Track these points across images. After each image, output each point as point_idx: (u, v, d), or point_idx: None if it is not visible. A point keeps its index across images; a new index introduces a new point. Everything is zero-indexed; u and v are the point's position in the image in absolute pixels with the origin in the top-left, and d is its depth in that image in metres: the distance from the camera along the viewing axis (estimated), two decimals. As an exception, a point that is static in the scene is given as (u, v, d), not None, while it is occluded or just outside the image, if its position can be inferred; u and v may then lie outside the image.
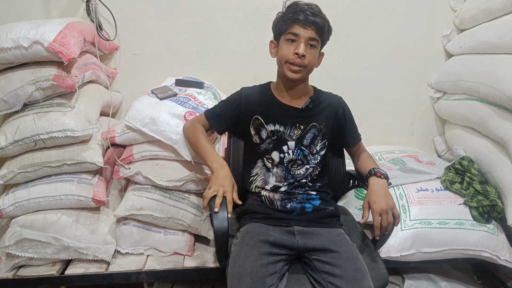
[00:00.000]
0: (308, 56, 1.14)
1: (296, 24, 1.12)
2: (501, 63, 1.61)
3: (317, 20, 1.11)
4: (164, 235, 1.57)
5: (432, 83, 2.12)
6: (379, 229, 1.10)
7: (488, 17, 1.77)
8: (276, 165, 1.25)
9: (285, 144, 1.24)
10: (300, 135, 1.24)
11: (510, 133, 1.52)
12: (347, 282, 1.01)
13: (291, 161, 1.24)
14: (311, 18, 1.10)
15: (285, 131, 1.24)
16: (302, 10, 1.12)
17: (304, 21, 1.11)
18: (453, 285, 1.73)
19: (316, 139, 1.25)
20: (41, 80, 1.36)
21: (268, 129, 1.24)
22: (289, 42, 1.15)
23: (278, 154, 1.25)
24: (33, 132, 1.37)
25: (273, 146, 1.25)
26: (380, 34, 2.03)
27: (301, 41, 1.13)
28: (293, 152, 1.24)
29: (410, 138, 2.26)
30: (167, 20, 1.90)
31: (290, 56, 1.14)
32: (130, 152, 1.54)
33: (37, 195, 1.42)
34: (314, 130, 1.24)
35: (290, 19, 1.13)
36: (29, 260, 1.46)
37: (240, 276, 1.01)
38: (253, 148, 1.30)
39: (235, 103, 1.30)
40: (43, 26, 1.37)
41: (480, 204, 1.55)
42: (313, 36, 1.12)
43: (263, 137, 1.25)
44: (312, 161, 1.25)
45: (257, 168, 1.29)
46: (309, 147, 1.25)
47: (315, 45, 1.15)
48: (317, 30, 1.12)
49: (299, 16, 1.11)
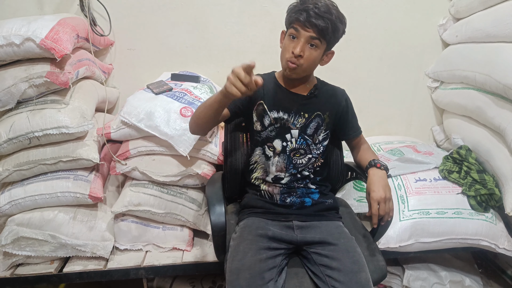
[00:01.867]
0: (305, 56, 1.11)
1: (298, 22, 1.10)
2: (497, 52, 1.60)
3: (319, 23, 1.06)
4: (162, 231, 1.57)
5: (429, 72, 2.11)
6: (377, 217, 1.09)
7: (483, 5, 1.75)
8: (278, 153, 1.23)
9: (289, 133, 1.22)
10: (304, 123, 1.22)
11: (506, 122, 1.52)
12: (344, 274, 1.00)
13: (294, 150, 1.23)
14: (312, 20, 1.06)
15: (289, 118, 1.21)
16: (306, 9, 1.08)
17: (305, 22, 1.07)
18: (453, 274, 1.73)
19: (319, 128, 1.24)
20: (34, 77, 1.35)
21: (272, 116, 1.22)
22: (291, 38, 1.12)
23: (281, 142, 1.23)
24: (28, 130, 1.36)
25: (276, 134, 1.23)
26: (377, 24, 2.01)
27: (300, 39, 1.10)
28: (296, 141, 1.23)
29: (409, 128, 2.25)
30: (162, 14, 1.88)
31: (288, 54, 1.12)
32: (126, 147, 1.53)
33: (33, 193, 1.41)
34: (318, 119, 1.23)
35: (295, 16, 1.11)
36: (27, 258, 1.46)
37: (239, 271, 1.01)
38: (253, 135, 1.28)
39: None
40: (35, 23, 1.35)
41: (478, 193, 1.54)
42: (314, 36, 1.09)
43: (266, 124, 1.23)
44: (314, 151, 1.24)
45: (256, 156, 1.27)
46: (312, 137, 1.23)
47: (316, 45, 1.11)
48: (318, 32, 1.08)
49: (301, 16, 1.08)
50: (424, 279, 1.69)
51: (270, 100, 1.23)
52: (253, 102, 1.24)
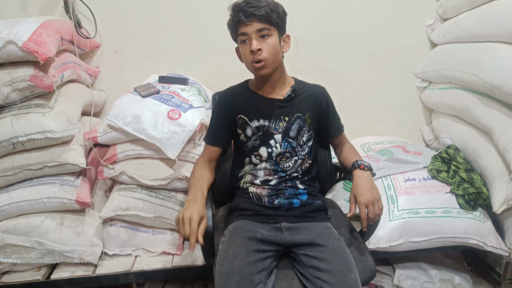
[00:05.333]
0: (265, 48, 1.11)
1: (240, 24, 1.11)
2: (484, 51, 1.62)
3: (257, 12, 1.08)
4: (152, 235, 1.55)
5: (418, 73, 2.13)
6: (366, 220, 1.10)
7: (470, 5, 1.77)
8: (265, 160, 1.23)
9: (272, 138, 1.23)
10: (286, 127, 1.22)
11: (494, 121, 1.53)
12: (333, 275, 1.00)
13: (280, 154, 1.23)
14: (250, 13, 1.08)
15: (270, 124, 1.22)
16: (239, 9, 1.10)
17: (245, 19, 1.09)
18: (443, 272, 1.74)
19: (302, 130, 1.24)
20: (17, 81, 1.32)
21: (253, 125, 1.22)
22: (244, 43, 1.13)
23: (266, 149, 1.23)
24: (11, 135, 1.33)
25: (260, 142, 1.23)
26: (365, 25, 2.02)
27: (251, 37, 1.10)
28: (281, 145, 1.23)
29: (399, 128, 2.26)
30: (149, 16, 1.87)
31: (249, 56, 1.12)
32: (113, 151, 1.51)
33: (18, 199, 1.39)
34: (299, 121, 1.23)
35: (234, 23, 1.12)
36: (13, 266, 1.43)
37: (229, 275, 1.00)
38: (241, 147, 1.28)
39: (220, 110, 1.28)
40: (18, 25, 1.33)
41: (466, 192, 1.56)
42: (260, 27, 1.10)
43: (249, 134, 1.24)
44: (300, 152, 1.24)
45: (246, 166, 1.28)
46: (296, 139, 1.24)
47: (268, 34, 1.11)
48: (261, 19, 1.09)
49: (240, 17, 1.09)
50: (414, 278, 1.70)
51: (249, 110, 1.23)
52: (233, 120, 1.25)
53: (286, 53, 1.22)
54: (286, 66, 1.26)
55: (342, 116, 1.36)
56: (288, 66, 1.28)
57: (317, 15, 1.97)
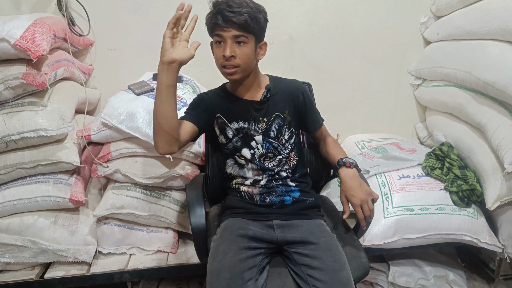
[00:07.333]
0: (238, 55, 1.07)
1: (217, 27, 1.07)
2: (477, 49, 1.63)
3: (236, 19, 1.04)
4: (147, 233, 1.55)
5: (411, 70, 2.13)
6: (364, 220, 1.10)
7: (463, 3, 1.78)
8: (250, 160, 1.23)
9: (253, 140, 1.21)
10: (266, 127, 1.21)
11: (487, 118, 1.54)
12: (326, 273, 1.00)
13: (262, 155, 1.22)
14: (229, 19, 1.04)
15: (250, 126, 1.20)
16: (220, 11, 1.05)
17: (223, 23, 1.05)
18: (437, 269, 1.75)
19: (282, 128, 1.22)
20: (10, 78, 1.31)
21: (233, 127, 1.21)
22: (218, 44, 1.10)
23: (248, 150, 1.22)
24: (4, 133, 1.32)
25: (242, 144, 1.22)
26: (359, 22, 2.02)
27: (227, 41, 1.07)
28: (262, 146, 1.22)
29: (393, 125, 2.27)
30: (143, 14, 1.85)
31: (221, 60, 1.09)
32: (107, 150, 1.50)
33: (11, 198, 1.38)
34: (279, 120, 1.21)
35: (211, 24, 1.09)
36: (6, 265, 1.43)
37: (219, 272, 1.00)
38: (222, 149, 1.27)
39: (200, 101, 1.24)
40: (10, 23, 1.32)
41: (460, 188, 1.57)
42: (237, 34, 1.06)
43: (230, 136, 1.22)
44: (283, 151, 1.23)
45: (229, 167, 1.27)
46: (277, 138, 1.22)
47: (244, 41, 1.08)
48: (239, 28, 1.05)
49: (218, 20, 1.05)
50: (409, 275, 1.71)
51: (227, 112, 1.21)
52: (211, 117, 1.22)
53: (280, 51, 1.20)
54: (281, 64, 1.26)
55: (336, 113, 1.36)
56: (282, 64, 1.27)
57: (311, 13, 1.97)
